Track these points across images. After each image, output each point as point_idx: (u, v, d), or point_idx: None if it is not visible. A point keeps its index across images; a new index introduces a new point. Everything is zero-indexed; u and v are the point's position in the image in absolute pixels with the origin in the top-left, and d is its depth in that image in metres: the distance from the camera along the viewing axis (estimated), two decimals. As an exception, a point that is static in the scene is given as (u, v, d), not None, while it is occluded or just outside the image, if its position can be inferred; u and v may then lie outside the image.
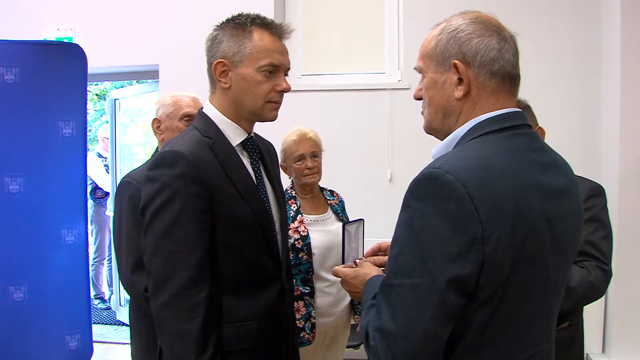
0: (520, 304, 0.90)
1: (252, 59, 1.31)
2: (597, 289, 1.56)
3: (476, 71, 0.96)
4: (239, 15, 1.36)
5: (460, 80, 0.98)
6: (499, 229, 0.84)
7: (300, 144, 2.19)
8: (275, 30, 1.35)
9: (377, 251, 1.37)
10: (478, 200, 0.83)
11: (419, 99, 1.07)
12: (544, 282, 0.93)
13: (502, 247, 0.85)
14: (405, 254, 0.88)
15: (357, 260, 1.36)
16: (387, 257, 1.29)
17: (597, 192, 1.65)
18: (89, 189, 4.76)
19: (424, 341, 0.86)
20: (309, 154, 2.19)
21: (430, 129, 1.06)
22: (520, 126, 0.97)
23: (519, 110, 0.99)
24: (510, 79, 0.98)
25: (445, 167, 0.86)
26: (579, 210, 1.02)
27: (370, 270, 1.22)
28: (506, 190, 0.87)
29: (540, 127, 1.67)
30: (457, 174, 0.84)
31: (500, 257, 0.85)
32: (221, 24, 1.37)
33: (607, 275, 1.58)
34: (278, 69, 1.35)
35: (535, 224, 0.89)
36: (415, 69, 1.08)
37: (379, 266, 1.27)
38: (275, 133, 1.85)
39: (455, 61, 0.97)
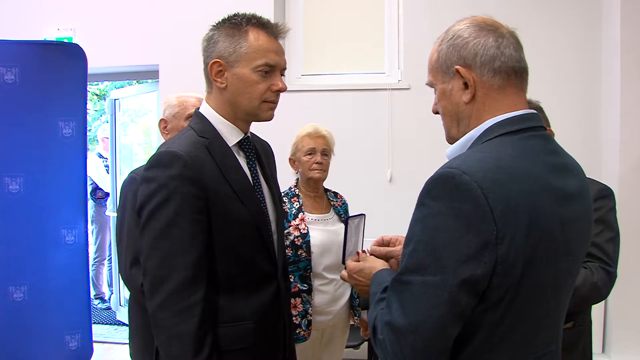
0: (531, 306, 0.91)
1: (248, 58, 1.31)
2: (600, 290, 1.55)
3: (478, 72, 0.98)
4: (235, 15, 1.35)
5: (466, 85, 0.99)
6: (513, 230, 0.85)
7: (314, 139, 2.23)
8: (271, 29, 1.35)
9: (381, 244, 1.34)
10: (493, 202, 0.84)
11: (437, 112, 1.09)
12: (554, 284, 0.94)
13: (516, 249, 0.85)
14: (419, 252, 0.88)
15: (361, 252, 1.35)
16: (390, 248, 1.29)
17: (605, 194, 1.64)
18: (89, 189, 4.76)
19: (433, 338, 0.87)
20: (319, 150, 2.22)
21: (450, 139, 1.07)
22: (536, 128, 0.98)
23: (534, 111, 1.00)
24: (515, 73, 0.99)
25: (462, 168, 0.86)
26: (590, 213, 1.02)
27: (375, 263, 1.21)
28: (522, 193, 0.87)
29: (550, 129, 1.66)
30: (473, 175, 0.85)
31: (513, 258, 0.85)
32: (217, 24, 1.37)
33: (611, 276, 1.57)
34: (274, 69, 1.35)
35: (548, 227, 0.90)
36: (427, 84, 1.10)
37: (383, 257, 1.26)
38: (275, 133, 1.85)
39: (457, 67, 0.99)
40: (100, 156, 4.97)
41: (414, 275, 0.88)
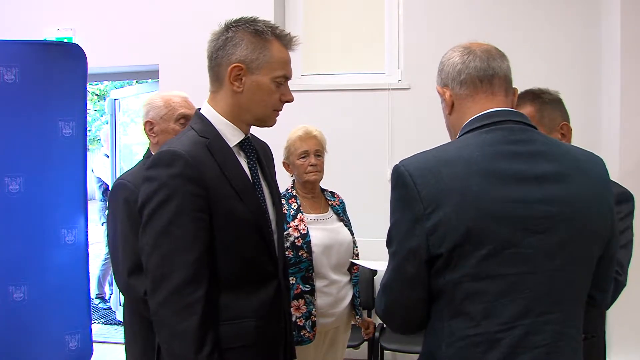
0: (488, 277, 1.02)
1: (269, 68, 1.34)
2: None
3: (450, 87, 1.18)
4: (256, 20, 1.37)
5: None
6: (441, 207, 1.01)
7: (305, 141, 2.21)
8: (289, 42, 1.39)
9: None
10: (420, 185, 1.03)
11: None
12: (516, 259, 1.02)
13: (446, 222, 1.01)
14: (389, 229, 1.11)
15: None
16: None
17: (621, 199, 1.54)
18: (100, 190, 4.76)
19: (393, 297, 1.12)
20: (312, 152, 2.21)
21: None
22: (503, 122, 1.10)
23: (504, 109, 1.13)
24: (481, 80, 1.15)
25: (404, 162, 1.09)
26: (580, 197, 1.07)
27: None
28: (453, 175, 1.03)
29: (565, 124, 1.61)
30: (407, 166, 1.07)
31: (444, 230, 1.01)
32: (236, 25, 1.36)
33: (617, 285, 1.46)
34: (286, 80, 1.39)
35: (490, 203, 1.01)
36: None
37: None
38: (274, 133, 1.85)
39: (437, 87, 1.21)
40: (107, 156, 4.95)
41: (387, 248, 1.12)
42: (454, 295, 1.04)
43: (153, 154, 1.90)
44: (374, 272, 3.30)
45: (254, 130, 1.48)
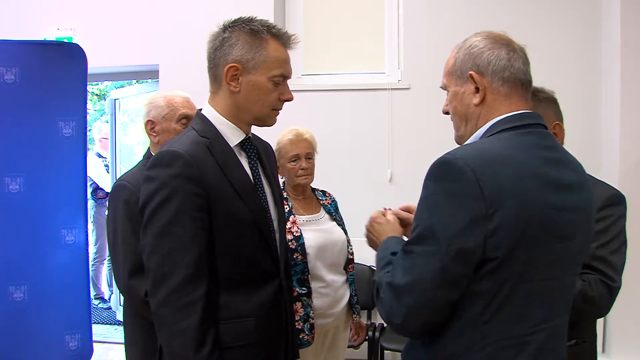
0: (524, 281, 1.01)
1: (266, 67, 1.34)
2: (597, 305, 1.45)
3: (489, 79, 1.12)
4: (252, 20, 1.37)
5: (477, 89, 1.13)
6: (503, 209, 0.97)
7: (296, 144, 2.19)
8: (287, 41, 1.39)
9: (406, 210, 1.41)
10: (484, 183, 0.97)
11: (447, 113, 1.22)
12: (546, 264, 1.03)
13: (506, 226, 0.97)
14: (421, 227, 1.03)
15: (388, 209, 1.42)
16: (411, 215, 1.39)
17: (613, 202, 1.51)
18: (89, 189, 4.75)
19: (424, 298, 1.01)
20: (303, 155, 2.18)
21: (458, 137, 1.20)
22: (533, 125, 1.10)
23: (533, 112, 1.12)
24: (521, 84, 1.12)
25: (458, 155, 1.01)
26: (589, 206, 1.12)
27: (394, 228, 1.35)
28: (509, 176, 0.99)
29: (558, 123, 1.57)
30: (466, 160, 0.99)
31: (503, 234, 0.97)
32: (232, 26, 1.36)
33: (611, 291, 1.46)
34: (285, 79, 1.38)
35: (538, 209, 1.00)
36: (441, 87, 1.23)
37: (403, 220, 1.38)
38: (274, 133, 1.85)
39: (471, 72, 1.13)
40: (100, 156, 4.95)
41: (416, 246, 1.03)
42: (492, 299, 1.00)
43: (153, 154, 1.90)
44: (374, 271, 3.30)
45: (257, 129, 1.48)
